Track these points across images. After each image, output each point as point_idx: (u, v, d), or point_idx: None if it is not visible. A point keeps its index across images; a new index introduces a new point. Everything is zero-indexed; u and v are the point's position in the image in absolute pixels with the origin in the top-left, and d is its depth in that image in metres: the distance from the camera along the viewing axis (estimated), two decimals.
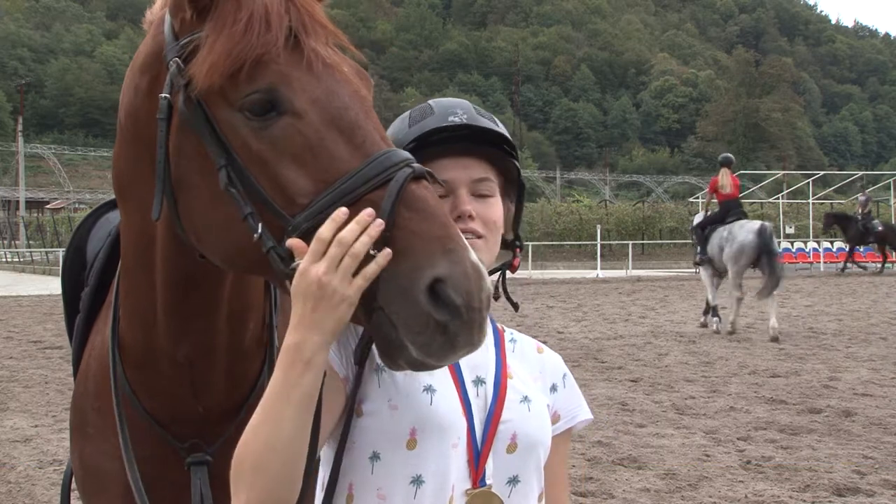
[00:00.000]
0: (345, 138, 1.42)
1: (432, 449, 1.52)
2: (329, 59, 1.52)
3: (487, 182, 1.64)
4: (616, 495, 5.33)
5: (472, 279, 1.28)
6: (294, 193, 1.41)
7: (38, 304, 19.98)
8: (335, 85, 1.49)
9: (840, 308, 17.45)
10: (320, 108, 1.45)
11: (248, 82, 1.46)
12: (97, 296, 2.20)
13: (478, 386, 1.60)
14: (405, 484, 1.51)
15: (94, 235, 2.45)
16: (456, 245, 1.30)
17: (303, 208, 1.39)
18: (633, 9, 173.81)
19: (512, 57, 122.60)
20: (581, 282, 26.59)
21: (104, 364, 2.04)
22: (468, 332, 1.28)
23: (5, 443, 6.86)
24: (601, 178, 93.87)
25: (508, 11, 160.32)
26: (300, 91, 1.46)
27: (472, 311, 1.27)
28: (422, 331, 1.27)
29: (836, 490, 5.38)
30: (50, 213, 58.56)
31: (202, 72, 1.48)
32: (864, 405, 7.86)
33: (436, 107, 1.66)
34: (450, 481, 1.52)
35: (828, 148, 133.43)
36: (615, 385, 8.98)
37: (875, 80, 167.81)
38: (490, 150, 1.65)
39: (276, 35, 1.48)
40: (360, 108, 1.48)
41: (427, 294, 1.27)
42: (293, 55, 1.49)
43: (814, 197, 39.63)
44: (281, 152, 1.44)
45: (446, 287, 1.26)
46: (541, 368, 1.72)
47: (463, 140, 1.62)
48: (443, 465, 1.51)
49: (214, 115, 1.50)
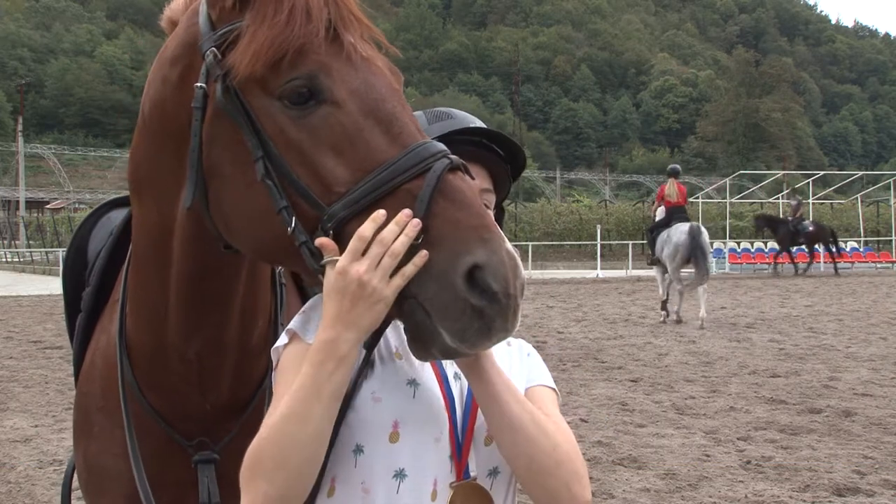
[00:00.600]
0: (382, 129, 1.44)
1: (415, 442, 1.52)
2: (365, 52, 1.55)
3: (489, 194, 1.68)
4: (616, 495, 5.33)
5: (509, 266, 1.30)
6: (331, 182, 1.43)
7: (38, 304, 19.98)
8: (372, 77, 1.51)
9: (840, 308, 17.45)
10: (359, 99, 1.47)
11: (290, 70, 1.48)
12: (99, 295, 2.21)
13: (458, 380, 1.60)
14: (388, 477, 1.51)
15: (95, 235, 2.45)
16: (492, 234, 1.32)
17: (340, 196, 1.41)
18: (633, 9, 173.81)
19: (512, 57, 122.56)
20: (581, 282, 26.60)
21: (110, 363, 2.04)
22: (504, 317, 1.30)
23: (5, 443, 6.86)
24: (601, 178, 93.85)
25: (508, 11, 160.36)
26: (340, 81, 1.48)
27: (509, 297, 1.30)
28: (458, 317, 1.29)
29: (836, 490, 5.38)
30: (50, 213, 58.57)
31: (244, 60, 1.49)
32: (864, 405, 7.86)
33: (452, 114, 1.71)
34: (432, 475, 1.52)
35: (828, 148, 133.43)
36: (615, 385, 8.98)
37: (875, 80, 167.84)
38: (500, 166, 1.69)
39: (316, 26, 1.50)
40: (397, 101, 1.50)
41: (465, 280, 1.29)
42: (332, 47, 1.51)
43: (814, 197, 39.62)
44: (319, 141, 1.46)
45: (484, 273, 1.29)
46: (512, 357, 1.72)
47: (484, 148, 1.66)
48: (425, 459, 1.52)
49: (251, 104, 1.51)
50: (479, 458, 1.57)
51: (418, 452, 1.52)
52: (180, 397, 1.97)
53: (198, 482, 1.97)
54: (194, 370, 1.93)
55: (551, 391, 1.72)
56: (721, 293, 21.63)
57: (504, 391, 1.48)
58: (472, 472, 1.55)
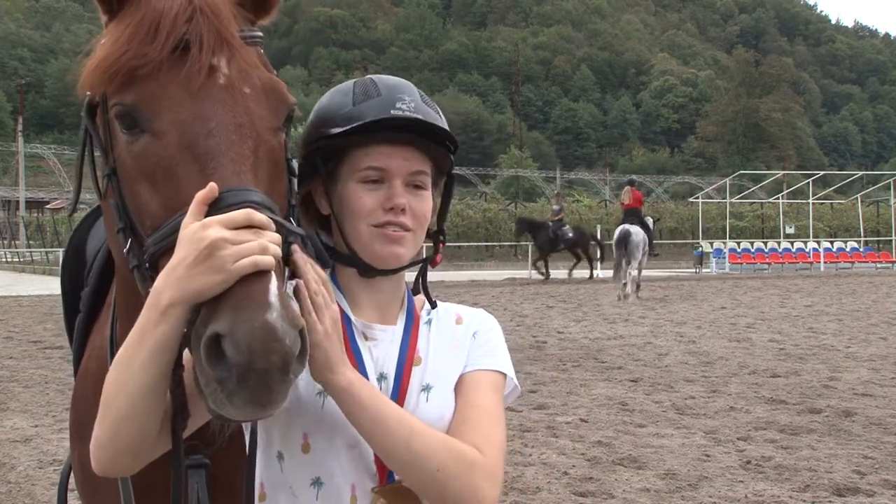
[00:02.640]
0: (198, 166, 1.36)
1: (326, 451, 1.52)
2: (222, 78, 1.43)
3: (423, 175, 1.61)
4: (616, 495, 5.32)
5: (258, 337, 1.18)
6: (145, 215, 1.40)
7: (38, 304, 19.97)
8: (208, 109, 1.40)
9: (840, 308, 17.45)
10: (181, 132, 1.38)
11: (118, 92, 1.42)
12: (97, 296, 2.20)
13: (381, 382, 1.58)
14: (307, 486, 1.53)
15: (93, 235, 2.44)
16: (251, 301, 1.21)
17: (152, 230, 1.38)
18: (633, 9, 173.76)
19: (512, 57, 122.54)
20: (581, 282, 26.60)
21: (103, 366, 2.03)
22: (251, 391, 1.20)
23: (5, 443, 6.85)
24: (601, 178, 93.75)
25: (508, 11, 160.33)
26: (166, 111, 1.40)
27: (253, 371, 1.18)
28: (207, 383, 1.23)
29: (836, 490, 5.38)
30: (50, 213, 58.52)
31: (84, 74, 1.47)
32: (864, 405, 7.86)
33: (382, 88, 1.61)
34: (348, 481, 1.52)
35: (828, 148, 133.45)
36: (615, 385, 8.98)
37: (875, 80, 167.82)
38: (431, 146, 1.62)
39: (160, 46, 1.41)
40: (227, 137, 1.38)
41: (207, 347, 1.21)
42: (173, 71, 1.41)
43: (814, 197, 39.63)
44: (140, 171, 1.41)
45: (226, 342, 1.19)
46: (457, 337, 1.68)
47: (408, 131, 1.58)
48: (339, 467, 1.52)
49: (102, 120, 1.48)
50: None
51: (331, 461, 1.52)
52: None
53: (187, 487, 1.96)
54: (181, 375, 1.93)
55: (493, 374, 1.65)
56: (721, 293, 21.63)
57: (369, 419, 1.43)
58: (397, 476, 1.53)
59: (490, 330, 1.72)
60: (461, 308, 1.76)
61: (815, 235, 37.11)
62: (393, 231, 1.57)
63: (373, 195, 1.57)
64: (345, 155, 1.60)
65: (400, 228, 1.57)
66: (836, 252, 35.05)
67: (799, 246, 35.38)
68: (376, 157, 1.57)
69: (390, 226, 1.57)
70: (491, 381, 1.64)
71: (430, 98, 1.68)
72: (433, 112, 1.63)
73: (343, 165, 1.60)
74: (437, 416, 1.57)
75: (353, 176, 1.59)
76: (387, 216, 1.57)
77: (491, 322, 1.74)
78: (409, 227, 1.58)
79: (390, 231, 1.57)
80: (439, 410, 1.58)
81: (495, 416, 1.59)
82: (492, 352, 1.68)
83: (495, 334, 1.72)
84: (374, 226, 1.57)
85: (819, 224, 40.19)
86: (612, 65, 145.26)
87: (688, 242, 40.42)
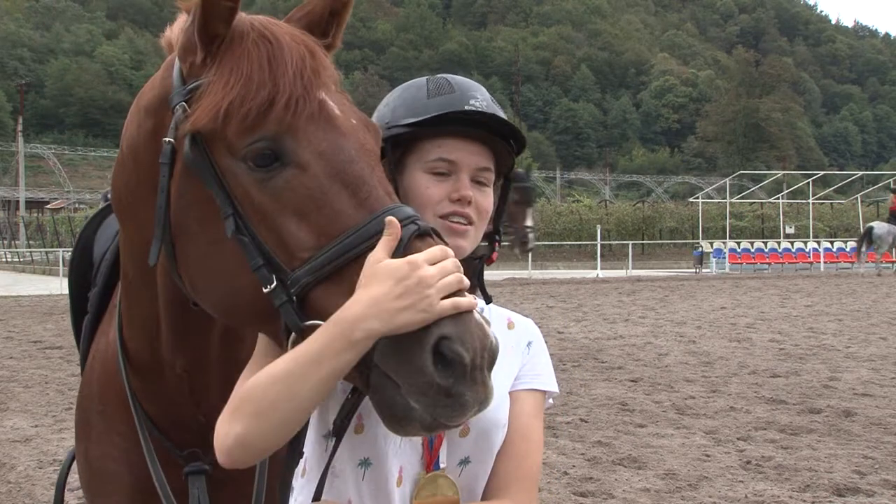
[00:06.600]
0: (349, 192, 1.40)
1: (378, 434, 1.55)
2: (337, 110, 1.49)
3: (488, 171, 1.65)
4: (616, 495, 5.32)
5: (477, 336, 1.26)
6: (295, 247, 1.39)
7: (38, 304, 19.98)
8: (341, 138, 1.46)
9: (840, 308, 17.44)
10: (325, 161, 1.42)
11: (253, 131, 1.43)
12: (104, 297, 2.21)
13: None
14: (354, 465, 1.56)
15: (100, 235, 2.44)
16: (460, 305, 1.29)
17: (304, 262, 1.37)
18: (633, 9, 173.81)
19: (512, 57, 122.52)
20: (581, 282, 26.59)
21: (108, 368, 2.04)
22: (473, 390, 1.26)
23: (5, 443, 6.86)
24: (601, 179, 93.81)
25: (508, 11, 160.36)
26: (305, 142, 1.43)
27: (475, 367, 1.25)
28: (426, 391, 1.25)
29: (836, 490, 5.38)
30: (50, 213, 58.52)
31: (201, 116, 1.45)
32: (864, 405, 7.86)
33: (455, 85, 1.65)
34: (397, 463, 1.56)
35: (828, 148, 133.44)
36: (615, 385, 8.98)
37: (875, 80, 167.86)
38: (499, 143, 1.66)
39: (284, 83, 1.44)
40: (366, 162, 1.45)
41: (432, 353, 1.25)
42: (300, 105, 1.45)
43: (814, 197, 39.63)
44: (284, 205, 1.41)
45: (452, 343, 1.25)
46: (510, 343, 1.71)
47: (479, 126, 1.62)
48: (389, 450, 1.56)
49: (218, 162, 1.46)
50: (450, 449, 1.60)
51: (382, 443, 1.55)
52: (175, 407, 1.97)
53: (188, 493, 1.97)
54: (185, 382, 1.93)
55: (541, 395, 1.72)
56: (721, 293, 21.63)
57: None
58: (443, 464, 1.58)
59: (541, 342, 1.77)
60: (511, 313, 1.80)
61: (815, 235, 37.08)
62: (457, 223, 1.60)
63: (440, 186, 1.60)
64: (414, 145, 1.63)
65: (464, 220, 1.60)
66: (836, 252, 35.01)
67: (799, 246, 35.34)
68: (447, 149, 1.60)
69: (455, 216, 1.60)
70: (540, 405, 1.71)
71: None
72: (500, 110, 1.67)
73: (411, 155, 1.63)
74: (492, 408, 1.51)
75: (421, 166, 1.62)
76: (453, 206, 1.60)
77: (540, 334, 1.80)
78: (472, 219, 1.61)
79: (455, 223, 1.60)
80: (494, 414, 1.59)
81: (538, 446, 1.67)
82: (544, 369, 1.74)
83: (544, 348, 1.78)
84: (439, 217, 1.60)
85: (819, 224, 40.14)
86: (612, 65, 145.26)
87: (688, 242, 40.38)
